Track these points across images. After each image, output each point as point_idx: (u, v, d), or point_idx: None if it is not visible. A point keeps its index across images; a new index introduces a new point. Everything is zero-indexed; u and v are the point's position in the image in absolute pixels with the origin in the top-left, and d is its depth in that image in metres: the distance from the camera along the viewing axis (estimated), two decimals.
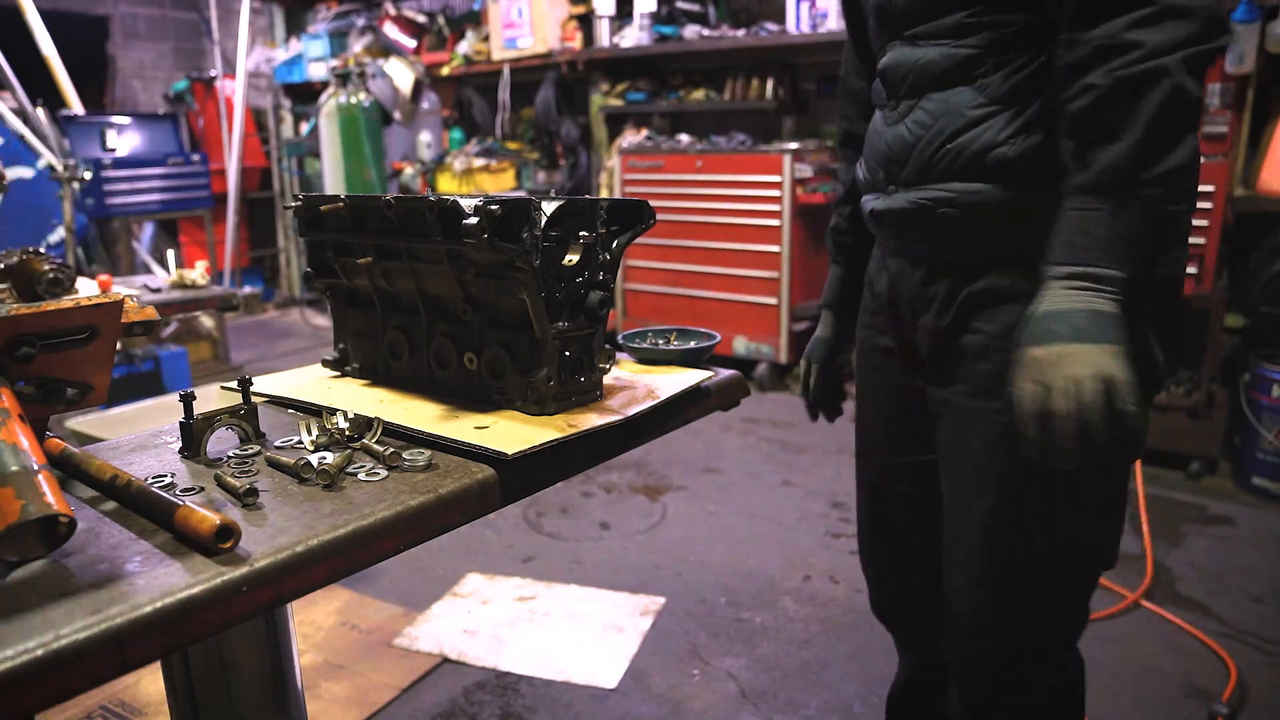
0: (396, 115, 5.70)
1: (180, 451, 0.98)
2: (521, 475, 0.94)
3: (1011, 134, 1.09)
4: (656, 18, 4.83)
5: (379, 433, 0.99)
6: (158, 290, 2.39)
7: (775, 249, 4.28)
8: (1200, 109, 1.00)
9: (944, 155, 1.14)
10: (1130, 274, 0.98)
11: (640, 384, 1.19)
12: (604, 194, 5.02)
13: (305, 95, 6.82)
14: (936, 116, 1.15)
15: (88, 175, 3.64)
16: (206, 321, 4.95)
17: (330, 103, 5.44)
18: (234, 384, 1.05)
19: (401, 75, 5.68)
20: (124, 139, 5.21)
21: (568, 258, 1.06)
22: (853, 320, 1.49)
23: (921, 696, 1.57)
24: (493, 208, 0.94)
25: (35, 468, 0.72)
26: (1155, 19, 0.95)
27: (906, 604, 1.51)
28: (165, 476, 0.90)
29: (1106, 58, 0.97)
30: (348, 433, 0.98)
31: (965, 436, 1.23)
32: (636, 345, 1.33)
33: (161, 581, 0.68)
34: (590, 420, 1.02)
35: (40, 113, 3.99)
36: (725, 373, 1.26)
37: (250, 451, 0.98)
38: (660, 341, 1.35)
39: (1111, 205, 0.98)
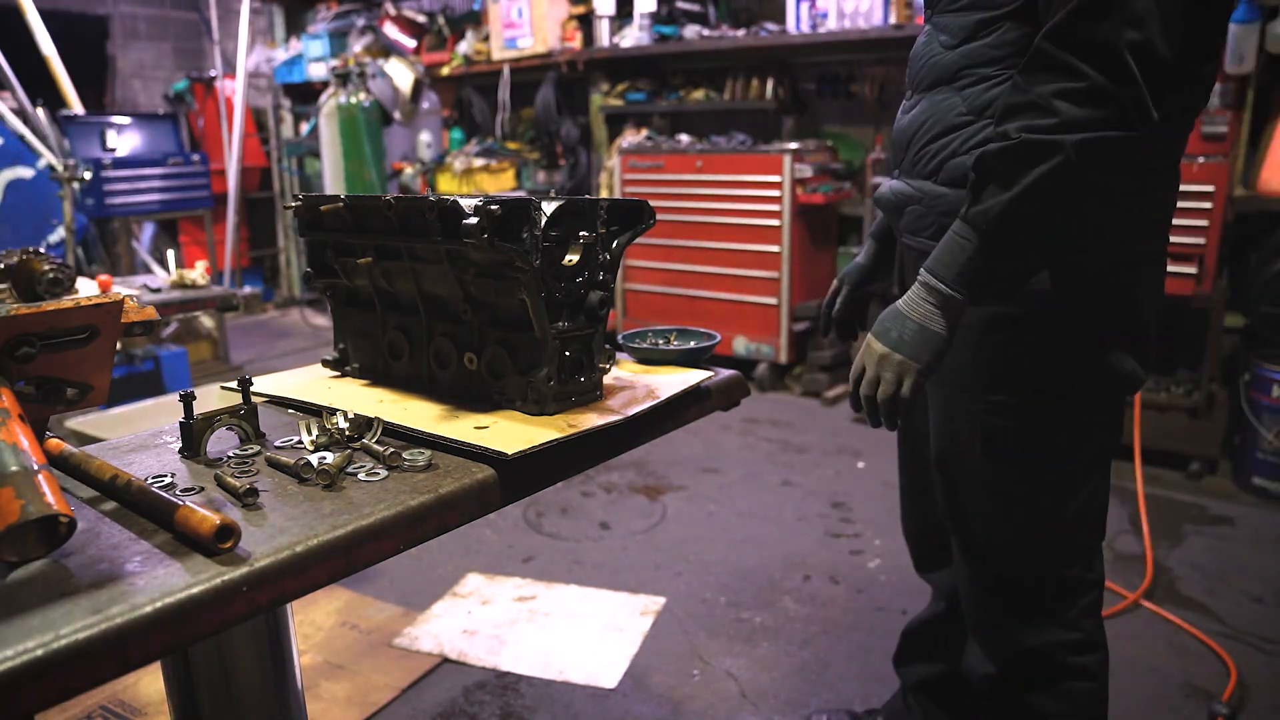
0: (396, 115, 5.69)
1: (180, 451, 0.98)
2: (521, 475, 0.94)
3: (975, 145, 1.18)
4: (656, 18, 4.83)
5: (379, 433, 0.99)
6: (158, 290, 2.39)
7: (775, 249, 4.28)
8: (1100, 186, 1.06)
9: (924, 155, 1.26)
10: (974, 300, 1.13)
11: (640, 384, 1.19)
12: (604, 194, 5.02)
13: (305, 95, 6.82)
14: (929, 116, 1.25)
15: (88, 175, 3.64)
16: (206, 321, 4.95)
17: (330, 103, 5.44)
18: (234, 384, 1.05)
19: (401, 75, 5.68)
20: (124, 139, 5.21)
21: (568, 258, 1.06)
22: (891, 254, 1.61)
23: (935, 633, 1.72)
24: (493, 208, 0.94)
25: (35, 468, 0.72)
26: (1080, 96, 1.01)
27: (939, 557, 1.65)
28: (165, 476, 0.90)
29: (1028, 114, 1.04)
30: (348, 433, 0.98)
31: (935, 419, 1.36)
32: (636, 345, 1.33)
33: (161, 581, 0.68)
34: (590, 420, 1.02)
35: (40, 113, 3.99)
36: (725, 373, 1.27)
37: (250, 451, 0.98)
38: (660, 341, 1.35)
39: (980, 242, 1.09)
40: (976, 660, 1.43)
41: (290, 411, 1.14)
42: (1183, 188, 1.06)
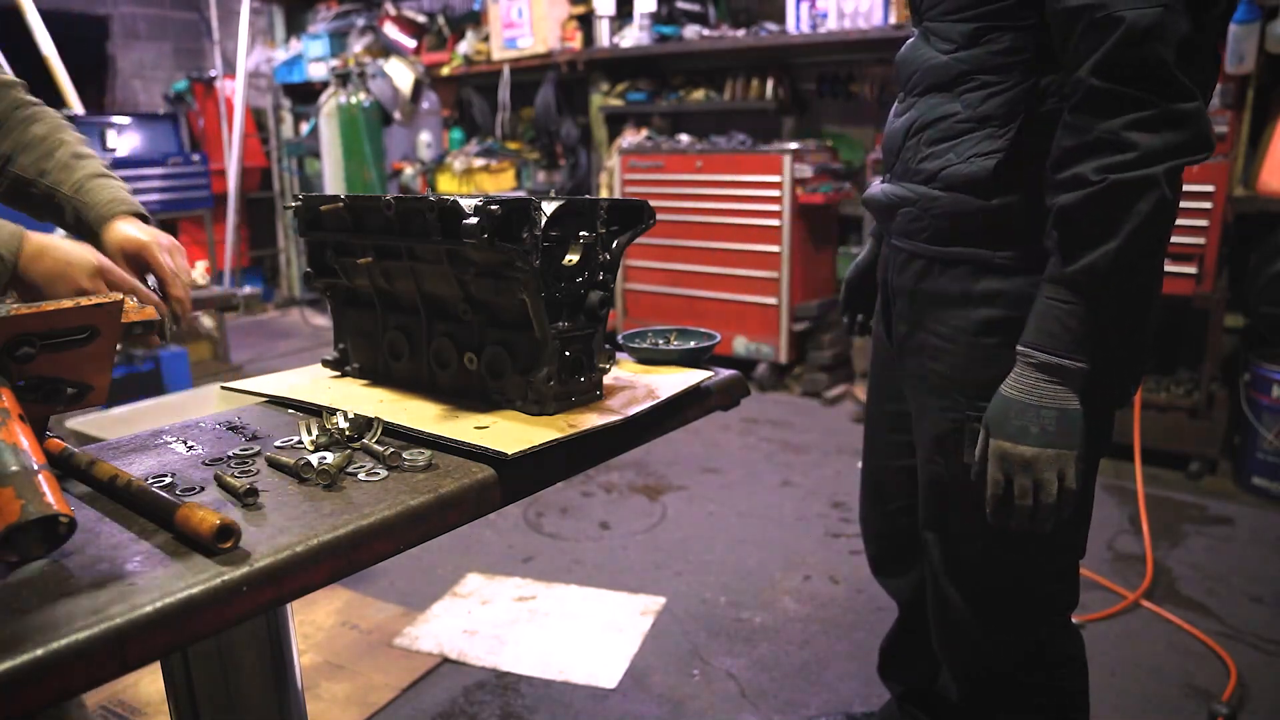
0: (396, 115, 5.69)
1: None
2: (521, 475, 0.94)
3: (974, 154, 1.17)
4: (656, 18, 4.83)
5: (379, 433, 0.99)
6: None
7: (775, 249, 4.28)
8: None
9: (918, 159, 1.25)
10: (1094, 365, 1.06)
11: (640, 384, 1.19)
12: (604, 194, 5.02)
13: (305, 95, 6.82)
14: (926, 122, 1.24)
15: None
16: (206, 321, 4.95)
17: (330, 103, 5.44)
18: (234, 384, 1.05)
19: (401, 75, 5.68)
20: (124, 139, 5.21)
21: (568, 258, 1.06)
22: None
23: (909, 646, 1.72)
24: (493, 208, 0.94)
25: (35, 468, 0.72)
26: (1153, 123, 0.98)
27: (897, 564, 1.66)
28: (165, 476, 0.90)
29: (1102, 152, 1.00)
30: (348, 433, 0.98)
31: (920, 427, 1.34)
32: (636, 345, 1.33)
33: (161, 581, 0.68)
34: (590, 420, 1.02)
35: None
36: (725, 373, 1.27)
37: (250, 451, 0.98)
38: (660, 341, 1.35)
39: (1087, 302, 1.04)
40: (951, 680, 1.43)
41: (290, 411, 1.14)
42: (1183, 187, 1.05)
